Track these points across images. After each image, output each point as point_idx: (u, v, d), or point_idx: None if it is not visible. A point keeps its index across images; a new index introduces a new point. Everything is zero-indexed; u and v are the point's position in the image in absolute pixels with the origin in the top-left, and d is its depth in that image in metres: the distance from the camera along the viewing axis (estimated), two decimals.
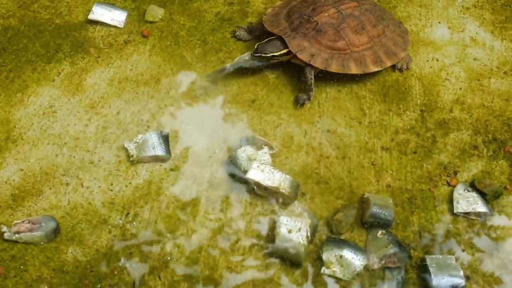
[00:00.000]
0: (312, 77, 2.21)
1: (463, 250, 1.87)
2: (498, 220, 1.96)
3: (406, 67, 2.38)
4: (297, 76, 2.28)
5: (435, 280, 1.73)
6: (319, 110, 2.22)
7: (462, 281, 1.74)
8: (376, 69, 2.26)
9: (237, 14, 2.52)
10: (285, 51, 2.21)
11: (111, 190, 1.92)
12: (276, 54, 2.20)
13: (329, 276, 1.77)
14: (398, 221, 1.92)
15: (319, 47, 2.22)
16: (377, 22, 2.33)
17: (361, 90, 2.30)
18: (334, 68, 2.21)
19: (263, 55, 2.19)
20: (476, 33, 2.58)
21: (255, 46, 2.20)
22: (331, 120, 2.19)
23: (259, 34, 2.33)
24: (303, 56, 2.19)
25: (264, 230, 1.86)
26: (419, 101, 2.26)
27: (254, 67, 2.23)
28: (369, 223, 1.87)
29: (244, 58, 2.22)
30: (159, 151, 1.96)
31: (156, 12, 2.44)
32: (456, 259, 1.84)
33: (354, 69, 2.23)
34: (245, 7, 2.56)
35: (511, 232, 1.93)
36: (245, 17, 2.51)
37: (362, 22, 2.28)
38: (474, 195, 1.97)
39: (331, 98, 2.26)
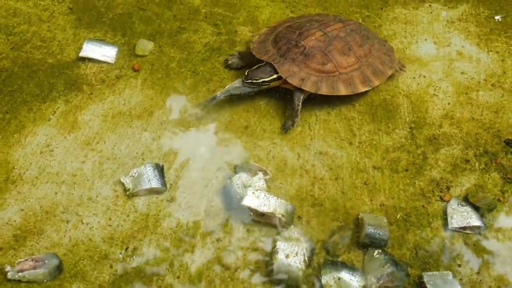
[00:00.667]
0: (300, 102, 2.25)
1: (459, 265, 1.89)
2: (493, 233, 1.98)
3: (401, 68, 2.46)
4: (288, 101, 2.33)
5: None
6: (310, 133, 2.26)
7: None
8: (364, 89, 2.31)
9: (225, 43, 2.57)
10: (275, 76, 2.26)
11: (110, 225, 1.95)
12: (266, 79, 2.25)
13: None
14: (394, 240, 1.94)
15: (308, 71, 2.26)
16: (363, 42, 2.38)
17: (350, 111, 2.34)
18: (324, 90, 2.25)
19: (253, 81, 2.23)
20: (462, 46, 2.63)
21: (246, 73, 2.25)
22: (322, 142, 2.23)
23: (250, 61, 2.38)
24: (294, 81, 2.24)
25: (262, 256, 1.88)
26: (407, 119, 2.30)
27: (244, 94, 2.27)
28: (365, 243, 1.89)
29: (234, 85, 2.26)
30: (155, 183, 1.99)
31: (145, 46, 2.49)
32: (454, 275, 1.86)
33: (343, 91, 2.28)
34: (233, 36, 2.61)
35: (507, 244, 1.95)
36: (234, 46, 2.56)
37: (349, 43, 2.33)
38: (468, 209, 2.00)
39: (321, 120, 2.30)
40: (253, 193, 1.92)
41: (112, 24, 2.63)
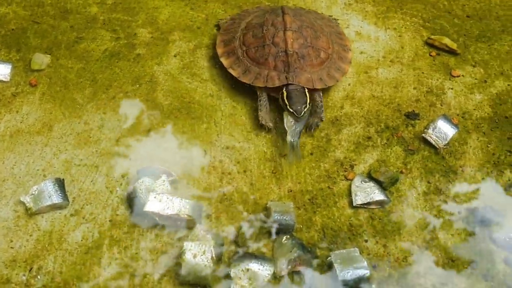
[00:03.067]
0: (322, 98, 2.24)
1: (366, 241, 1.93)
2: (398, 205, 2.03)
3: None
4: (189, 100, 2.32)
5: (341, 275, 1.78)
6: (216, 129, 2.25)
7: (367, 271, 1.80)
8: (347, 67, 2.36)
9: (124, 47, 2.53)
10: (307, 91, 2.18)
11: (11, 247, 1.88)
12: (308, 100, 2.16)
13: None
14: (302, 223, 1.97)
15: (315, 70, 2.26)
16: (314, 22, 2.43)
17: (255, 103, 2.35)
18: (336, 78, 2.30)
19: (305, 110, 2.13)
20: (361, 27, 2.69)
21: (293, 111, 2.11)
22: (229, 137, 2.23)
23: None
24: (317, 85, 2.22)
25: (171, 259, 1.86)
26: None
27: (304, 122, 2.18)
28: (273, 230, 1.90)
29: (294, 125, 2.12)
30: (56, 199, 1.94)
31: (41, 60, 2.42)
32: (362, 250, 1.90)
33: (347, 67, 2.35)
34: (132, 39, 2.57)
35: (411, 214, 2.01)
36: (133, 49, 2.53)
37: (311, 27, 2.36)
38: (371, 185, 2.04)
39: (226, 115, 2.30)
40: (155, 197, 1.90)
41: (5, 40, 2.54)
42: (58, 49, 2.52)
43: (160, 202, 1.89)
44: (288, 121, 2.15)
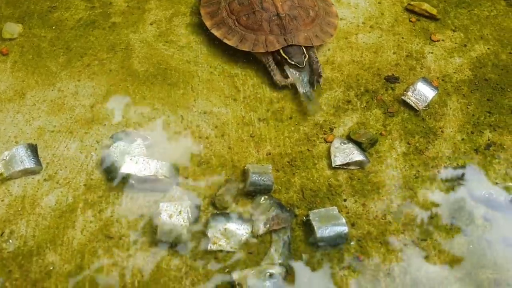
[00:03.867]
0: (316, 54, 2.28)
1: (345, 200, 1.91)
2: (377, 165, 2.01)
3: None
4: (165, 67, 2.28)
5: (319, 232, 1.76)
6: (193, 94, 2.22)
7: (345, 228, 1.78)
8: (337, 21, 2.41)
9: (99, 16, 2.48)
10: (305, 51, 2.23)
11: None
12: (305, 54, 2.21)
13: (218, 251, 1.76)
14: (281, 185, 1.94)
15: (309, 28, 2.28)
16: None
17: (233, 68, 2.31)
18: (330, 33, 2.34)
19: (305, 60, 2.19)
20: None
21: (293, 62, 2.17)
22: (206, 102, 2.19)
23: None
24: (318, 42, 2.26)
25: (147, 221, 1.83)
26: None
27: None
28: (250, 191, 1.88)
29: (298, 75, 2.19)
30: (28, 164, 1.89)
31: (13, 29, 2.36)
32: (341, 209, 1.87)
33: (336, 21, 2.40)
34: (107, 8, 2.52)
35: (390, 174, 1.99)
36: (108, 18, 2.47)
37: None
38: (350, 146, 2.02)
39: (204, 80, 2.26)
40: (130, 159, 1.86)
41: None
42: (30, 18, 2.46)
43: (136, 163, 1.85)
44: (293, 75, 2.19)
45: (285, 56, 2.19)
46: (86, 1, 2.55)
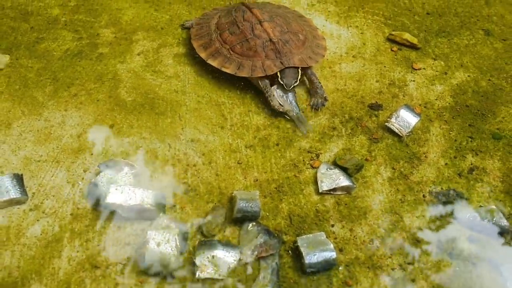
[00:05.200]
0: (317, 78, 2.36)
1: (332, 226, 1.92)
2: (363, 190, 2.03)
3: None
4: (153, 97, 2.30)
5: (308, 258, 1.76)
6: (181, 122, 2.23)
7: (333, 254, 1.78)
8: (325, 43, 2.49)
9: (87, 47, 2.51)
10: (300, 70, 2.31)
11: None
12: (298, 77, 2.29)
13: (206, 279, 1.75)
14: (268, 211, 1.94)
15: (302, 50, 2.35)
16: (277, 11, 2.54)
17: (220, 97, 2.35)
18: (322, 54, 2.42)
19: (294, 84, 2.26)
20: (323, 25, 2.72)
21: (283, 84, 2.25)
22: (194, 130, 2.21)
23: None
24: (312, 63, 2.34)
25: (135, 250, 1.82)
26: None
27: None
28: (238, 218, 1.88)
29: (287, 98, 2.26)
30: (14, 194, 1.88)
31: (0, 60, 2.38)
32: (328, 235, 1.88)
33: (324, 43, 2.49)
34: (95, 39, 2.55)
35: (377, 199, 2.01)
36: (96, 49, 2.50)
37: (281, 16, 2.46)
38: (336, 171, 2.04)
39: (191, 109, 2.29)
40: (116, 189, 1.86)
41: None
42: (17, 49, 2.48)
43: (122, 193, 1.85)
44: (280, 98, 2.25)
45: (279, 75, 2.26)
46: (73, 32, 2.58)
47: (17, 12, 2.67)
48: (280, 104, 2.24)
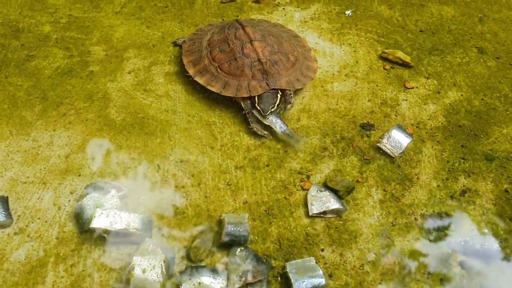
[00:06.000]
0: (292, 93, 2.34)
1: (322, 250, 1.89)
2: (354, 213, 2.01)
3: None
4: (143, 116, 2.28)
5: (296, 285, 1.73)
6: (171, 142, 2.21)
7: (322, 280, 1.75)
8: (316, 65, 2.48)
9: (77, 65, 2.49)
10: (280, 94, 2.27)
11: None
12: (277, 102, 2.25)
13: None
14: (257, 235, 1.92)
15: (290, 72, 2.33)
16: (271, 30, 2.51)
17: (211, 117, 2.32)
18: (311, 77, 2.40)
19: (271, 110, 2.21)
20: (316, 43, 2.71)
21: (259, 109, 2.21)
22: (183, 150, 2.18)
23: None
24: (299, 85, 2.32)
25: (120, 276, 1.78)
26: None
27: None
28: (226, 242, 1.85)
29: (271, 119, 2.22)
30: None
31: None
32: (318, 260, 1.85)
33: (315, 65, 2.46)
34: (85, 57, 2.54)
35: (368, 222, 1.98)
36: (86, 67, 2.49)
37: (273, 35, 2.43)
38: (326, 194, 2.01)
39: (181, 129, 2.27)
40: (101, 213, 1.83)
41: None
42: (7, 67, 2.46)
43: (107, 217, 1.82)
44: (264, 120, 2.22)
45: (256, 100, 2.23)
46: (64, 50, 2.57)
47: (7, 29, 2.65)
48: (260, 128, 2.22)
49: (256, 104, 2.22)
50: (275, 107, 2.23)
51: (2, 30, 2.64)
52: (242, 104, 2.29)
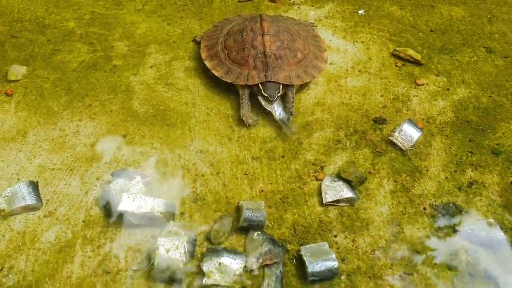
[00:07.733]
0: (293, 95, 2.41)
1: (335, 236, 1.98)
2: (366, 202, 2.10)
3: None
4: (164, 108, 2.38)
5: (311, 267, 1.82)
6: (190, 134, 2.31)
7: (335, 263, 1.84)
8: (324, 65, 2.52)
9: (101, 59, 2.60)
10: (281, 87, 2.37)
11: None
12: (280, 90, 2.36)
13: (212, 285, 1.82)
14: (273, 221, 2.01)
15: (293, 68, 2.41)
16: (291, 27, 2.59)
17: (228, 109, 2.43)
18: (313, 75, 2.46)
19: (277, 95, 2.34)
20: (330, 40, 2.80)
21: (267, 96, 2.33)
22: (203, 141, 2.29)
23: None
24: (297, 82, 2.38)
25: (144, 256, 1.89)
26: None
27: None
28: (244, 227, 1.95)
29: (273, 107, 2.35)
30: (29, 200, 1.96)
31: (18, 71, 2.48)
32: (331, 245, 1.95)
33: (323, 65, 2.51)
34: (109, 52, 2.65)
35: (379, 211, 2.07)
36: (110, 61, 2.60)
37: (288, 30, 2.52)
38: (340, 183, 2.11)
39: (201, 121, 2.37)
40: (128, 197, 1.93)
41: None
42: (34, 60, 2.58)
43: (134, 201, 1.93)
44: (268, 106, 2.34)
45: (261, 88, 2.34)
46: (88, 45, 2.68)
47: (35, 25, 2.77)
48: (252, 116, 2.35)
49: (263, 91, 2.33)
50: (281, 92, 2.34)
51: (29, 26, 2.76)
52: (239, 91, 2.41)
